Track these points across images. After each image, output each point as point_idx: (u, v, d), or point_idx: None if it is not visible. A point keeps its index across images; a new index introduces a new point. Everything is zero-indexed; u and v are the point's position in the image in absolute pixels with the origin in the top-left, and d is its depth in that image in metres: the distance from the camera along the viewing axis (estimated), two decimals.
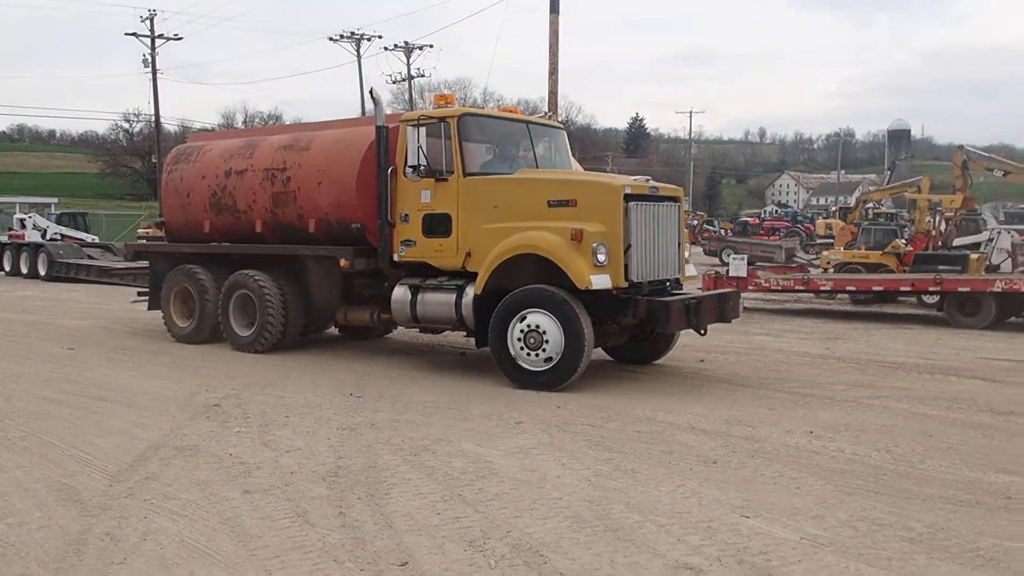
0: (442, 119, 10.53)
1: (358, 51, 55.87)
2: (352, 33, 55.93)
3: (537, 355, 9.62)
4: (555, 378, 9.56)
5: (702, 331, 10.14)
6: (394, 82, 58.63)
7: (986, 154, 38.31)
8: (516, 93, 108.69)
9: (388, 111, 11.39)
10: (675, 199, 10.55)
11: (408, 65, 57.27)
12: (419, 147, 10.39)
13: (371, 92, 11.08)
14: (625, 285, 9.76)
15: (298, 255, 12.25)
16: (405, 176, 10.89)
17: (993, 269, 18.85)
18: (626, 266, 9.69)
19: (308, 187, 11.95)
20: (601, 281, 9.47)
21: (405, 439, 7.60)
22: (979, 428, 8.20)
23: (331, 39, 56.04)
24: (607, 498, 6.00)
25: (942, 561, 4.95)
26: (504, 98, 78.39)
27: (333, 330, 13.94)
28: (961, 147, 36.41)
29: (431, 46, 58.45)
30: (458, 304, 10.37)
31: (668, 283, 10.45)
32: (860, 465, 6.91)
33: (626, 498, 6.01)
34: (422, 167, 10.43)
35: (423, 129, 10.43)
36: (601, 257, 9.53)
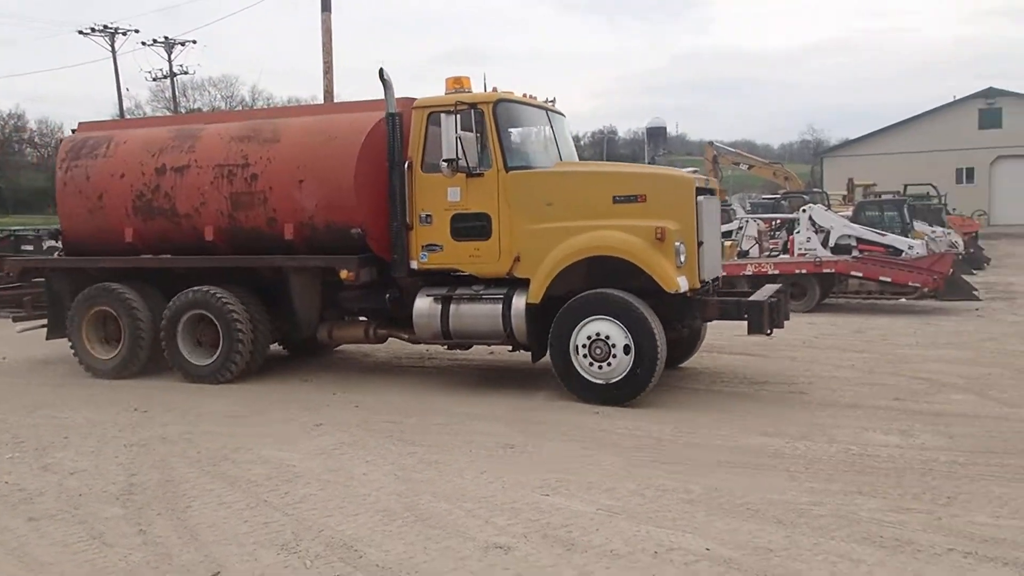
0: (473, 105, 9.23)
1: (112, 46, 50.27)
2: (105, 27, 50.13)
3: (604, 367, 8.71)
4: (628, 391, 8.71)
5: (769, 332, 9.61)
6: (154, 79, 53.66)
7: (733, 149, 41.44)
8: (288, 92, 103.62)
9: (148, 110, 9.94)
10: (713, 191, 9.97)
11: (170, 62, 52.46)
12: (457, 137, 9.03)
13: (381, 73, 9.49)
14: (698, 286, 9.11)
15: (274, 267, 10.37)
16: (423, 171, 9.51)
17: (744, 255, 20.16)
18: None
19: (284, 186, 10.11)
20: (683, 283, 8.74)
21: (202, 450, 7.48)
22: (741, 397, 9.18)
23: (81, 32, 50.02)
24: (414, 490, 6.26)
25: (718, 516, 5.64)
26: (275, 97, 74.00)
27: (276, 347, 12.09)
28: (711, 143, 38.97)
29: (194, 42, 53.85)
30: (506, 315, 9.19)
31: (716, 281, 9.88)
32: (645, 439, 7.62)
33: (433, 488, 6.29)
34: (459, 160, 9.09)
35: (456, 117, 9.07)
36: (682, 257, 8.78)
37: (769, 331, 9.09)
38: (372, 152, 9.77)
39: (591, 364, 8.79)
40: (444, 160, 9.07)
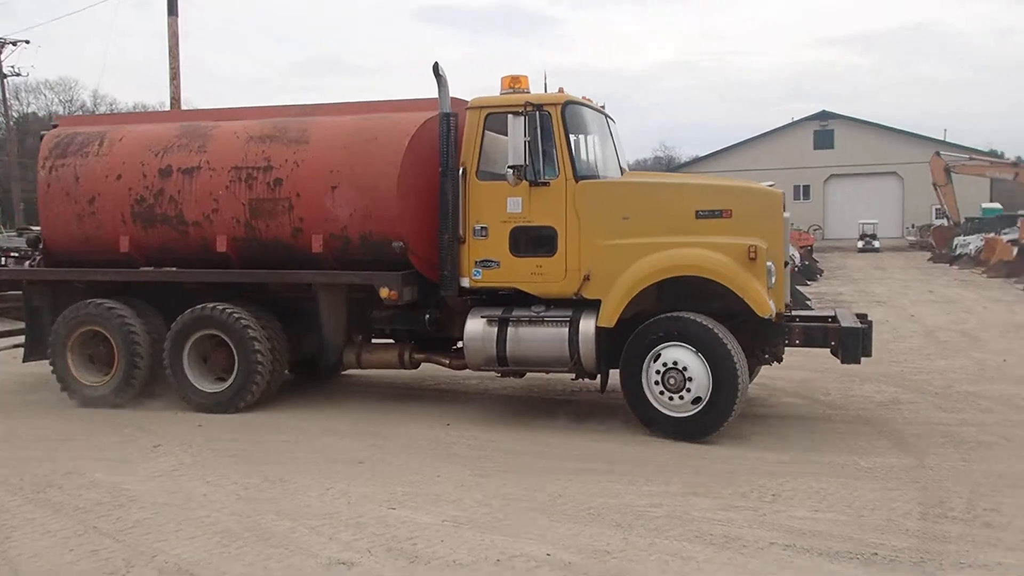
0: (539, 107, 8.33)
1: None
2: None
3: (680, 398, 7.89)
4: (704, 425, 7.89)
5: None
6: None
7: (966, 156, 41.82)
8: (133, 97, 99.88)
9: None
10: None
11: None
12: (526, 141, 8.10)
13: (436, 67, 8.50)
14: (783, 310, 8.37)
15: (302, 283, 9.23)
16: (479, 179, 8.57)
17: None
18: None
19: (314, 193, 9.00)
20: (774, 307, 7.99)
21: (25, 477, 7.03)
22: (588, 406, 9.37)
23: None
24: (257, 510, 6.12)
25: (560, 522, 5.80)
26: (118, 102, 69.21)
27: None
28: (938, 153, 39.41)
29: (27, 42, 51.24)
30: (573, 340, 8.26)
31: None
32: (492, 450, 7.77)
33: (276, 507, 6.18)
34: (527, 168, 8.17)
35: (524, 119, 8.15)
36: (773, 278, 8.02)
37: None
38: (417, 156, 8.78)
39: (665, 395, 7.95)
40: (510, 167, 8.13)
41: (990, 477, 6.79)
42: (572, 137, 8.42)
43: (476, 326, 8.57)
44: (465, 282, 8.66)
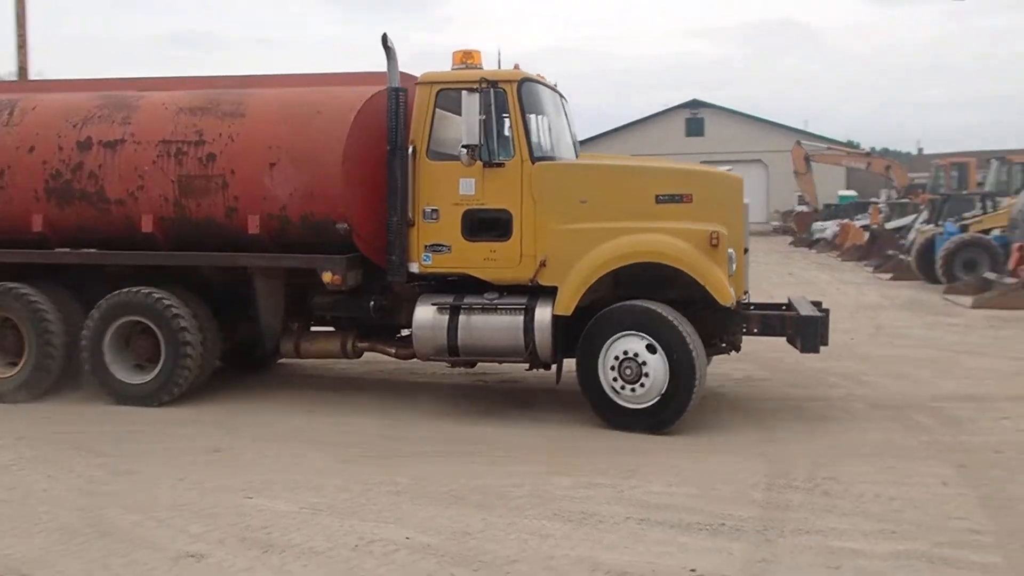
0: (494, 83, 7.93)
1: None
2: None
3: (635, 389, 7.63)
4: (662, 416, 7.64)
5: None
6: None
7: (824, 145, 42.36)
8: None
9: None
10: None
11: None
12: (481, 120, 7.70)
13: (384, 39, 8.01)
14: (743, 298, 8.20)
15: (236, 266, 8.63)
16: (429, 158, 8.13)
17: None
18: None
19: (250, 169, 8.40)
20: (734, 295, 7.80)
21: None
22: (453, 388, 9.63)
23: None
24: (101, 504, 5.90)
25: (421, 506, 5.80)
26: None
27: None
28: (799, 142, 39.86)
29: None
30: (528, 328, 7.91)
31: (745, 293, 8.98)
32: (356, 435, 7.71)
33: (123, 501, 5.95)
34: (479, 147, 7.77)
35: (479, 96, 7.74)
36: (734, 266, 7.82)
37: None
38: (364, 133, 8.27)
39: (622, 386, 7.68)
40: (464, 146, 7.72)
41: (831, 448, 7.18)
42: (528, 116, 8.05)
43: (426, 314, 8.14)
44: (414, 267, 8.22)
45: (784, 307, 8.89)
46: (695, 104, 58.81)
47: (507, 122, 8.01)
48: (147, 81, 9.41)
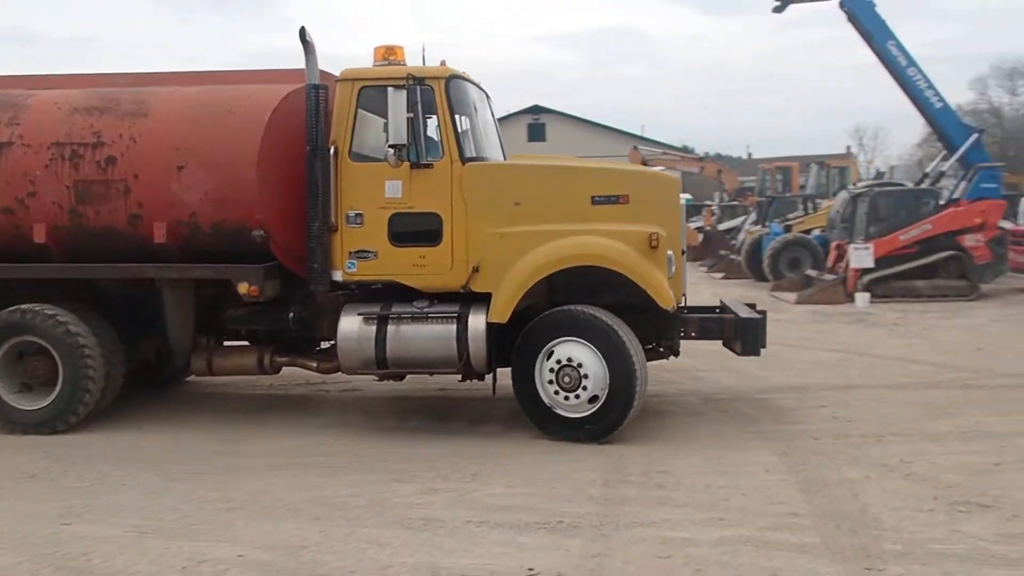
0: (421, 80, 7.51)
1: None
2: None
3: (576, 397, 7.34)
4: (603, 424, 7.37)
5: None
6: None
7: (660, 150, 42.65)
8: None
9: None
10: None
11: None
12: (409, 119, 7.26)
13: (302, 33, 7.49)
14: (681, 301, 7.98)
15: (143, 278, 7.95)
16: (352, 159, 7.67)
17: None
18: None
19: (155, 173, 7.74)
20: (674, 299, 7.57)
21: None
22: (283, 399, 9.52)
23: None
24: None
25: (256, 521, 5.66)
26: None
27: None
28: (636, 148, 39.95)
29: None
30: (461, 338, 7.51)
31: None
32: (187, 452, 7.41)
33: None
34: (407, 148, 7.34)
35: (406, 94, 7.31)
36: (673, 268, 7.60)
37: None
38: (280, 133, 7.74)
39: (560, 394, 7.36)
40: (391, 146, 7.27)
41: (666, 443, 7.38)
42: (456, 115, 7.65)
43: (351, 325, 7.65)
44: (338, 275, 7.71)
45: (718, 310, 8.73)
46: (536, 110, 59.37)
47: (434, 121, 7.60)
48: (30, 79, 8.63)
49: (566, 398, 7.34)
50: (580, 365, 7.28)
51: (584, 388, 7.30)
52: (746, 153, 73.45)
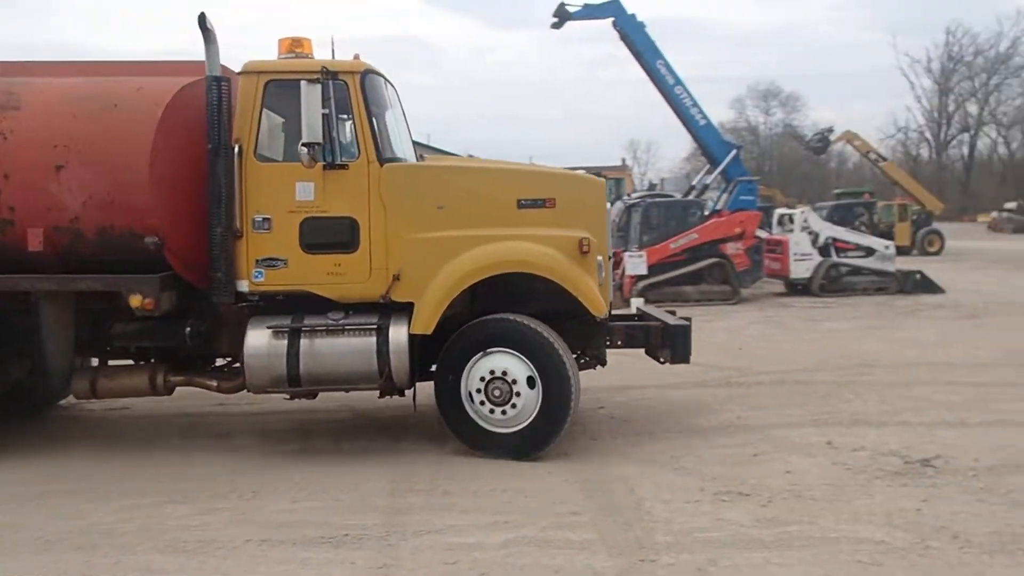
0: (334, 75, 6.97)
1: None
2: None
3: (504, 412, 6.99)
4: (533, 440, 7.04)
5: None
6: None
7: None
8: None
9: None
10: None
11: None
12: (324, 115, 6.71)
13: (202, 19, 6.80)
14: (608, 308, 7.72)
15: (18, 291, 7.03)
16: (258, 159, 7.05)
17: None
18: None
19: (30, 173, 6.88)
20: (605, 306, 7.32)
21: None
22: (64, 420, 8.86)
23: None
24: None
25: (9, 557, 5.22)
26: None
27: None
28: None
29: None
30: (382, 351, 6.99)
31: None
32: None
33: None
34: (323, 146, 6.79)
35: (318, 88, 6.75)
36: (603, 273, 7.33)
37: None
38: (173, 130, 7.03)
39: (488, 408, 6.97)
40: (304, 144, 6.70)
41: (452, 451, 7.21)
42: (372, 112, 7.14)
43: (259, 339, 7.00)
44: (243, 286, 7.06)
45: (637, 318, 8.52)
46: None
47: (350, 118, 7.07)
48: None
49: (492, 412, 6.95)
50: (514, 380, 6.91)
51: (516, 402, 6.93)
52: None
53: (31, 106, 7.01)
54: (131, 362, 7.79)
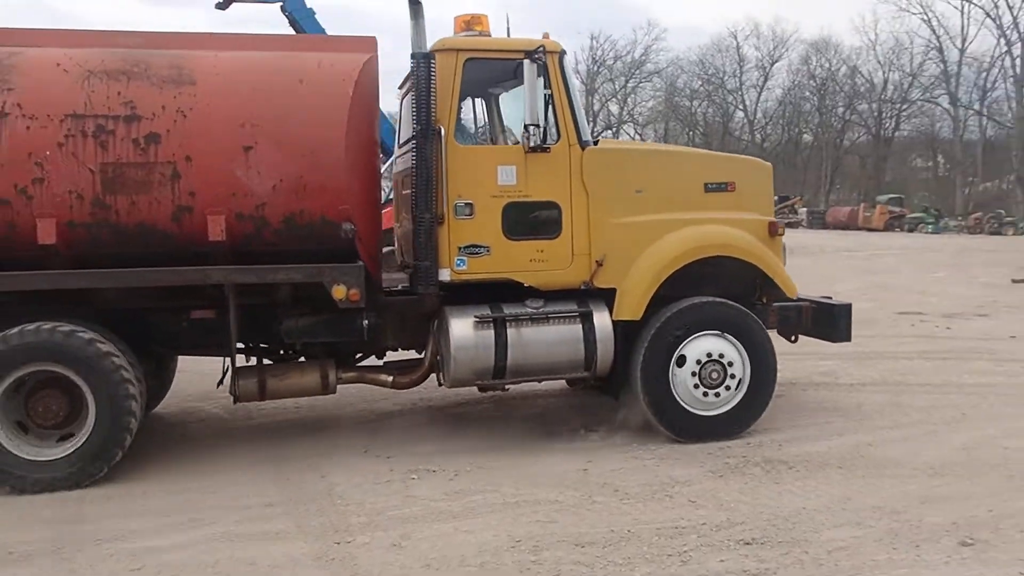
0: (530, 54, 6.71)
1: None
2: None
3: (717, 394, 7.03)
4: (742, 419, 7.14)
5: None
6: None
7: None
8: None
9: None
10: None
11: None
12: (547, 95, 6.49)
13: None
14: None
15: (209, 283, 6.37)
16: (458, 142, 6.74)
17: None
18: None
19: (214, 155, 6.24)
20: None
21: None
22: None
23: None
24: None
25: None
26: None
27: None
28: None
29: None
30: (589, 339, 6.84)
31: None
32: None
33: None
34: (539, 127, 6.57)
35: (535, 68, 6.51)
36: (785, 255, 7.48)
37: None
38: (361, 108, 6.61)
39: (701, 392, 6.98)
40: (528, 125, 6.45)
41: (135, 454, 6.61)
42: (572, 93, 6.96)
43: (466, 331, 6.67)
44: (445, 275, 6.70)
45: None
46: None
47: (552, 100, 6.84)
48: (12, 32, 6.62)
49: (705, 395, 6.95)
50: (730, 363, 6.96)
51: (728, 386, 6.99)
52: None
53: (207, 81, 6.37)
54: (301, 359, 7.24)
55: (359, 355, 7.42)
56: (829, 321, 7.81)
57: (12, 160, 5.99)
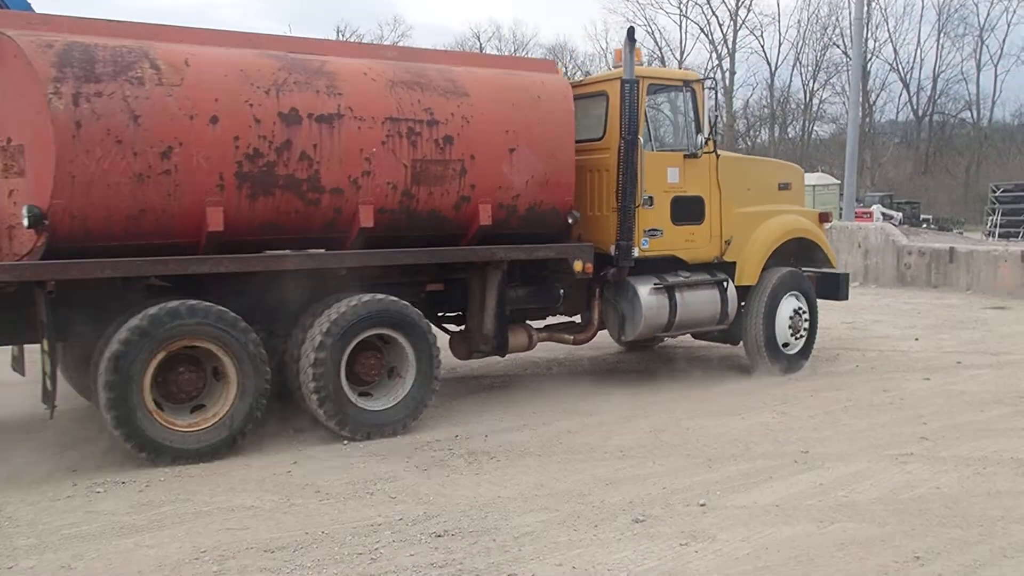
0: (686, 83, 8.86)
1: None
2: None
3: (798, 339, 9.70)
4: (803, 360, 9.79)
5: None
6: None
7: None
8: None
9: None
10: None
11: None
12: (715, 115, 8.65)
13: (631, 32, 8.17)
14: None
15: (493, 260, 7.81)
16: (646, 148, 8.74)
17: None
18: None
19: (490, 155, 7.70)
20: None
21: None
22: None
23: None
24: None
25: None
26: None
27: None
28: None
29: None
30: (723, 300, 9.12)
31: None
32: None
33: None
34: (707, 139, 8.75)
35: (705, 92, 8.67)
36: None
37: None
38: (574, 118, 8.36)
39: (794, 336, 9.56)
40: (705, 138, 8.61)
41: None
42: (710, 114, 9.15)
43: (651, 295, 8.66)
44: (635, 252, 8.62)
45: None
46: None
47: (697, 117, 8.99)
48: (297, 41, 7.52)
49: (795, 337, 9.52)
50: (805, 316, 9.56)
51: (802, 334, 9.61)
52: None
53: (476, 93, 7.75)
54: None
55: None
56: (835, 285, 10.72)
57: (348, 156, 7.04)
